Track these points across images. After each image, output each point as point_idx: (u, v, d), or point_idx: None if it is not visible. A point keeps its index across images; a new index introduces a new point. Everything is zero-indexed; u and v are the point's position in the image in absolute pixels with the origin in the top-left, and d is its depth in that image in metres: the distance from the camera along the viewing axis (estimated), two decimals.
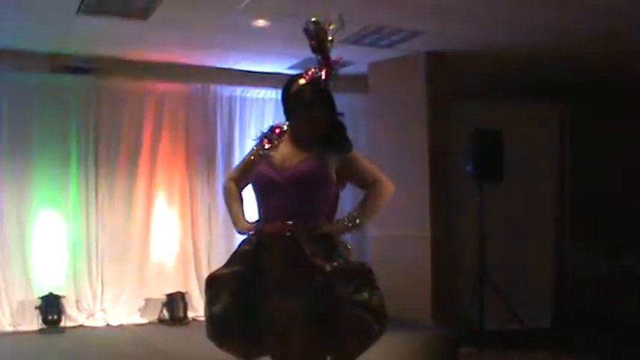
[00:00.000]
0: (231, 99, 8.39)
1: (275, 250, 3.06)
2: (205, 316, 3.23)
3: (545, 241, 8.66)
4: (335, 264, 2.98)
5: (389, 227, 7.42)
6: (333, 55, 3.20)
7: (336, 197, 3.22)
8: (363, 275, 3.02)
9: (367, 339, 3.01)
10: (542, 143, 8.69)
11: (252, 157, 3.27)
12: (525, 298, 7.65)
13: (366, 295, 2.96)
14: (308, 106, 3.13)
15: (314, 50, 3.19)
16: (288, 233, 3.04)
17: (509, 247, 7.90)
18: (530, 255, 8.19)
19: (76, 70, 7.52)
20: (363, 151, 4.35)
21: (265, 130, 3.32)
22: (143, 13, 6.14)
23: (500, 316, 7.35)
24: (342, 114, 3.23)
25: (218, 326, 3.15)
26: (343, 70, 3.31)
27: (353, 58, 7.41)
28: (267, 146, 3.23)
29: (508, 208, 8.01)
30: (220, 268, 3.21)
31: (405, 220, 7.35)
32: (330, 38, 3.16)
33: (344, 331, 2.98)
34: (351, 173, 3.21)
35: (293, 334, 3.00)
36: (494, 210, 7.60)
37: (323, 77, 3.17)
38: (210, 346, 3.25)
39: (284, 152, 3.18)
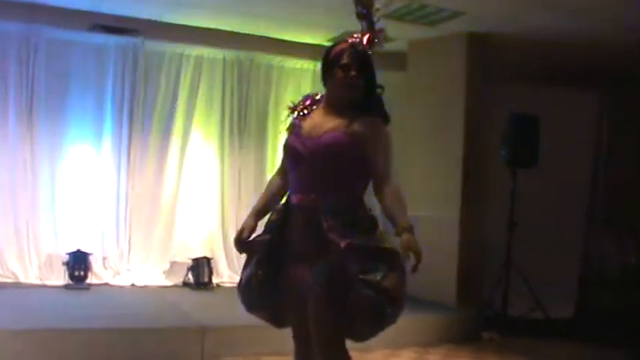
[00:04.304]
0: (268, 67, 8.35)
1: (297, 221, 3.09)
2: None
3: (575, 230, 8.58)
4: (349, 241, 2.90)
5: (420, 207, 7.39)
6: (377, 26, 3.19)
7: (366, 169, 3.09)
8: (379, 256, 2.91)
9: (376, 321, 2.92)
10: (579, 131, 8.59)
11: (287, 134, 3.29)
12: (550, 286, 7.59)
13: (378, 276, 2.84)
14: (346, 66, 3.10)
15: (359, 16, 3.17)
16: (309, 205, 3.04)
17: (538, 234, 7.84)
18: (558, 243, 8.12)
19: (113, 29, 7.50)
20: (398, 128, 4.32)
21: (297, 101, 3.32)
22: None
23: (524, 303, 7.31)
24: (382, 87, 3.19)
25: (242, 292, 3.22)
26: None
27: (393, 34, 7.31)
28: (295, 115, 3.24)
29: (540, 194, 7.95)
30: (255, 236, 3.24)
31: (435, 201, 7.29)
32: (377, 7, 3.15)
33: (352, 311, 2.90)
34: (374, 149, 3.07)
35: (308, 305, 3.00)
36: (526, 196, 7.53)
37: (365, 42, 3.15)
38: (233, 312, 3.28)
39: (315, 121, 3.15)
